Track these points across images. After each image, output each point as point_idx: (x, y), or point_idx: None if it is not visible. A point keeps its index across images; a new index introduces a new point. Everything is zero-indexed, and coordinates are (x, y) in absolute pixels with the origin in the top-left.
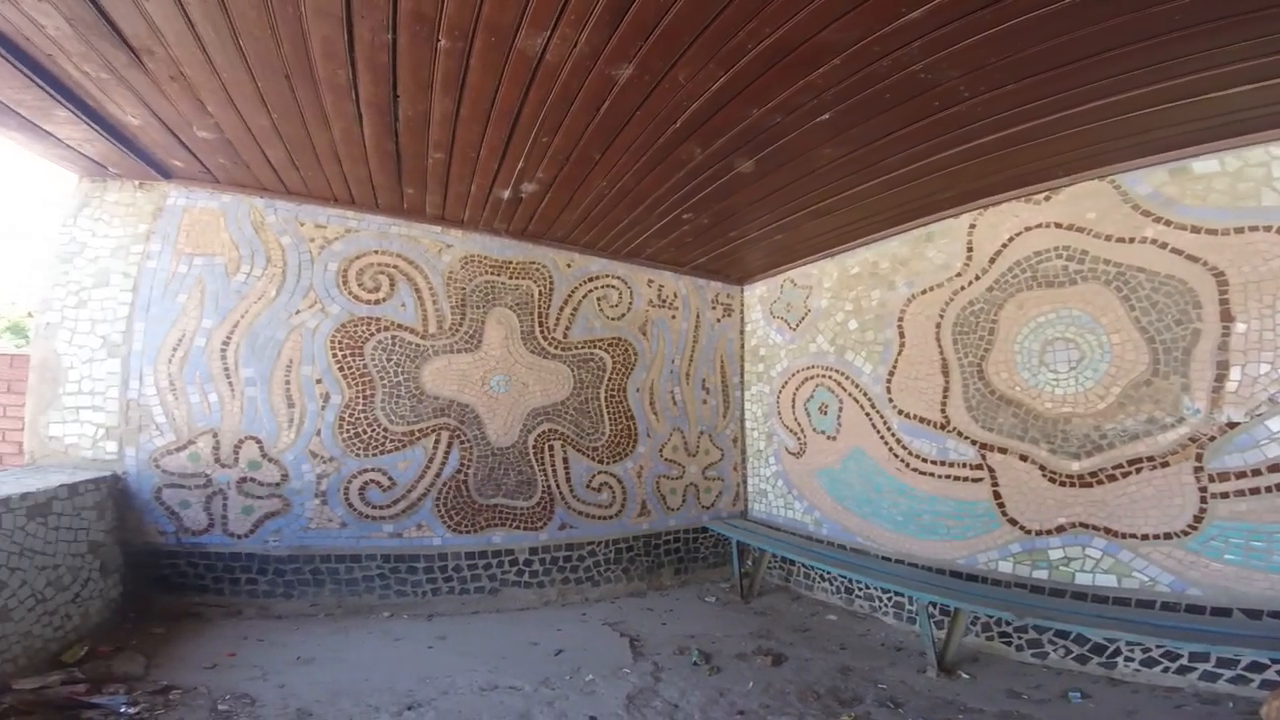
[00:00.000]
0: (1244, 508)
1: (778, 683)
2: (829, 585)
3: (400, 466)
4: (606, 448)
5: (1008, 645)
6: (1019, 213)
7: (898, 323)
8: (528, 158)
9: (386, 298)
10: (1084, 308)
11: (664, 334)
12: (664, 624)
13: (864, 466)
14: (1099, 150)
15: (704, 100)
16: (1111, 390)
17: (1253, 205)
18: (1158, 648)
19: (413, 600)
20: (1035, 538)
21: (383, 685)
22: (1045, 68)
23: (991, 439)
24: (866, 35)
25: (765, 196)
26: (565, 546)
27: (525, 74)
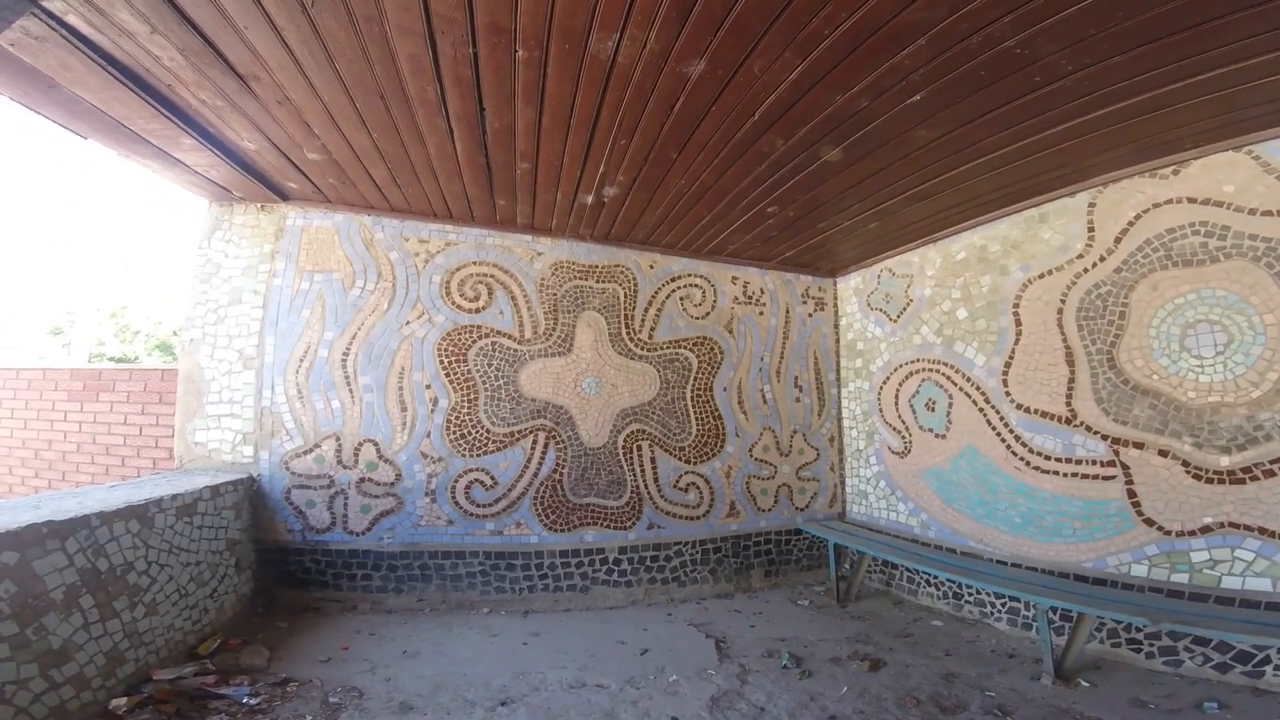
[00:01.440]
0: None
1: (874, 688)
2: (935, 590)
3: (501, 466)
4: (693, 448)
5: (1136, 652)
6: (1144, 189)
7: (1013, 310)
8: (608, 162)
9: (486, 306)
10: (1230, 287)
11: (751, 331)
12: (753, 626)
13: (977, 466)
14: (1231, 120)
15: (782, 90)
16: (1267, 376)
17: None
18: None
19: (510, 596)
20: (1175, 539)
21: (479, 680)
22: (1156, 35)
23: (1125, 433)
24: (952, 13)
25: (856, 184)
26: (653, 546)
27: (600, 77)
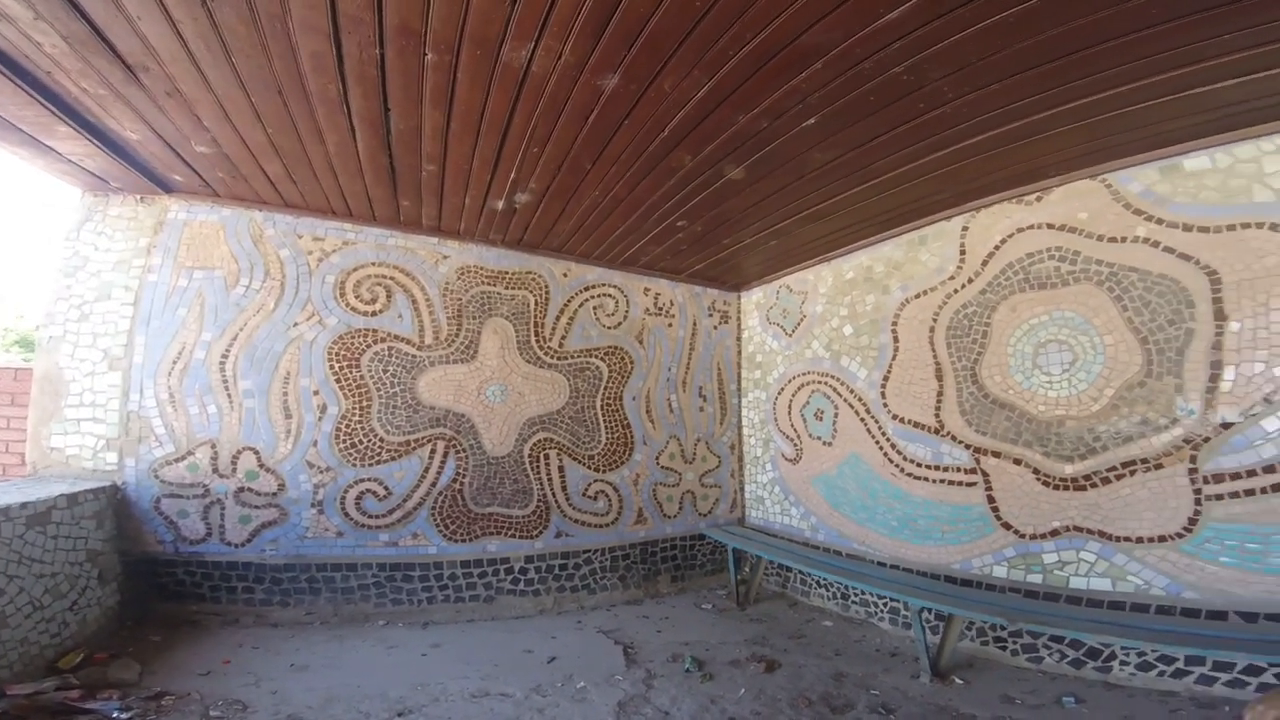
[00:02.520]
0: (1239, 510)
1: (770, 689)
2: (825, 591)
3: (396, 476)
4: (603, 456)
5: (1003, 650)
6: (1011, 214)
7: (892, 327)
8: (520, 168)
9: (383, 309)
10: (1077, 309)
11: (661, 342)
12: (659, 631)
13: (860, 472)
14: (1090, 149)
15: (690, 107)
16: (1105, 392)
17: (1244, 201)
18: (1153, 652)
19: (408, 609)
20: (1029, 542)
21: (375, 692)
22: (1030, 65)
23: (985, 443)
24: (847, 37)
25: (758, 202)
26: (561, 555)
27: (513, 86)
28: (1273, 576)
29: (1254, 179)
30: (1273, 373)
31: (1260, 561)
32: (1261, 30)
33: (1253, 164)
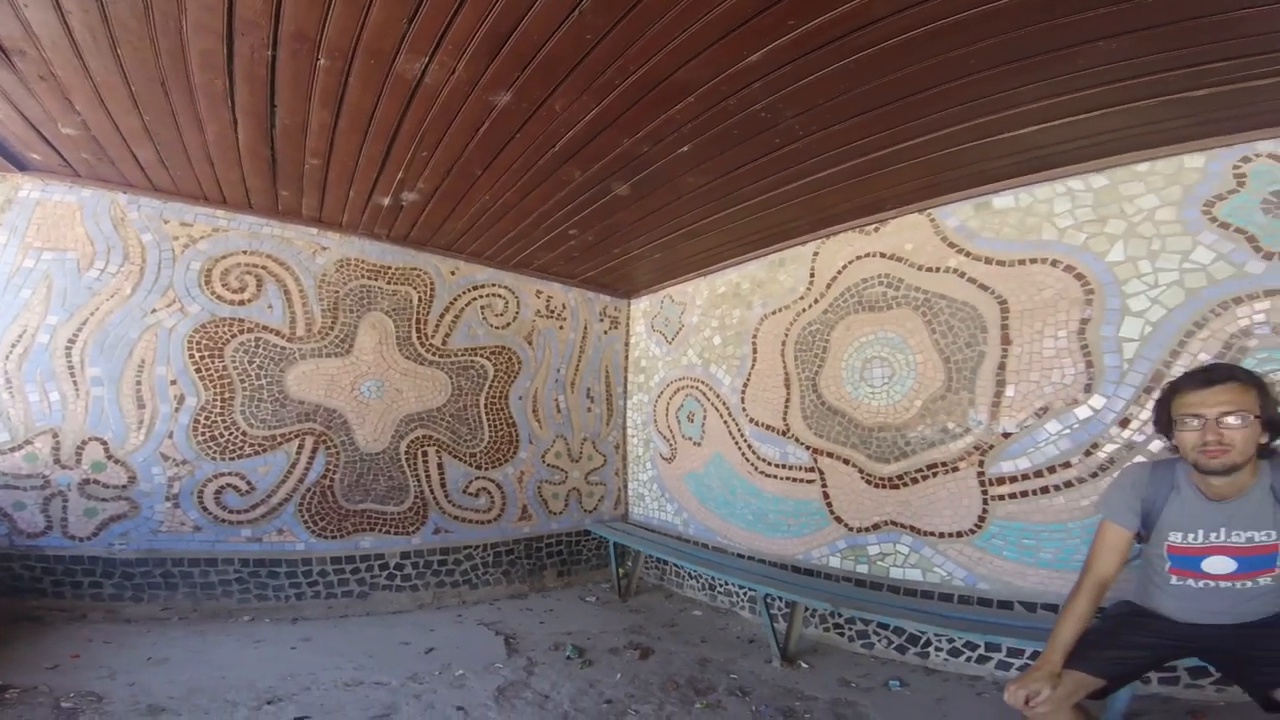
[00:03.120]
0: (1015, 508)
1: (644, 674)
2: (696, 583)
3: (260, 471)
4: (485, 454)
5: (841, 637)
6: (853, 242)
7: (753, 339)
8: (408, 169)
9: (253, 299)
10: (897, 330)
11: (551, 344)
12: (542, 623)
13: (722, 470)
14: (921, 185)
15: (580, 128)
16: (915, 403)
17: (1035, 239)
18: (959, 639)
19: (276, 604)
20: (857, 535)
21: (241, 683)
22: (869, 108)
23: (822, 444)
24: (716, 75)
25: (643, 218)
26: (440, 550)
27: (405, 94)
28: (1045, 570)
29: (1045, 218)
30: (1043, 390)
31: (1034, 556)
32: (1060, 82)
33: (1046, 204)
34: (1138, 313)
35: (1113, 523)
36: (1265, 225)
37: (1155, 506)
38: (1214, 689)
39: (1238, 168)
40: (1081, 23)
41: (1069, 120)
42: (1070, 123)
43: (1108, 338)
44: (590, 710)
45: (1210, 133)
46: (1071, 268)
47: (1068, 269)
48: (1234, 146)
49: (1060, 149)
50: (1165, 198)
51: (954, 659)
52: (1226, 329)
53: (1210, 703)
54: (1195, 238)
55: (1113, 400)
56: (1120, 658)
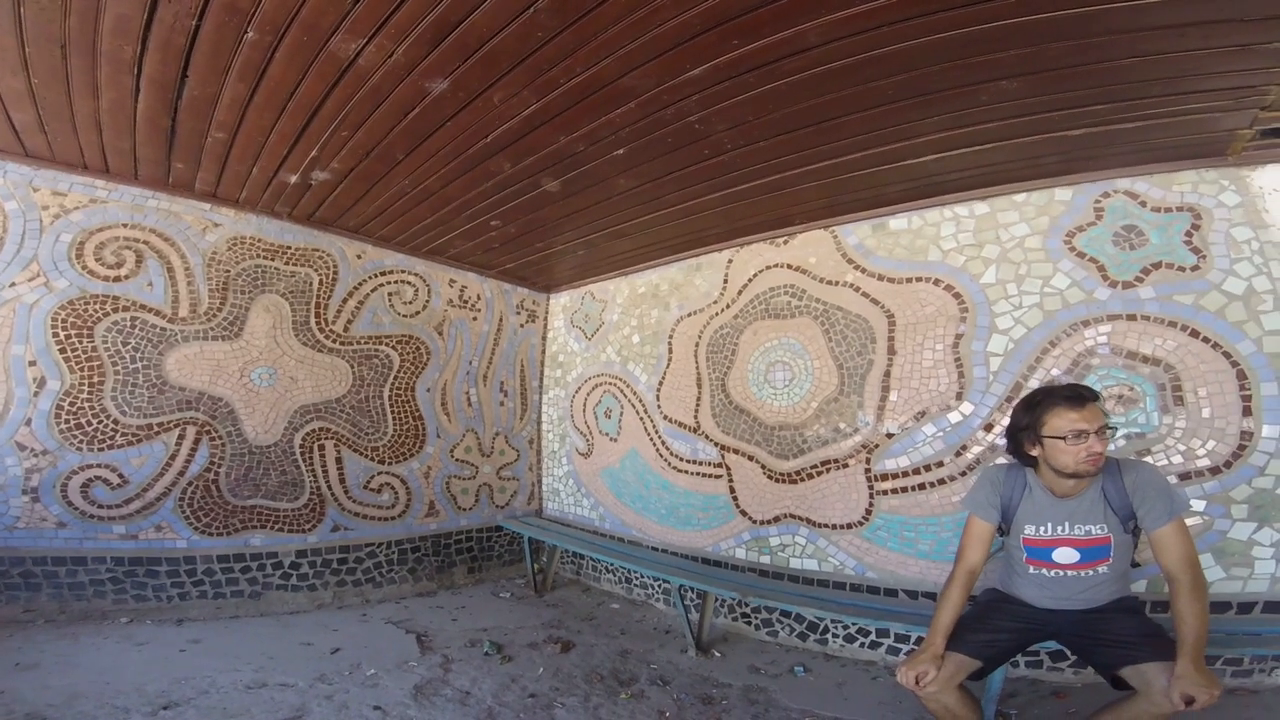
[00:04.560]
0: (897, 503)
1: (566, 667)
2: (612, 576)
3: (134, 463)
4: (389, 448)
5: (748, 625)
6: (764, 253)
7: (669, 339)
8: (323, 148)
9: (130, 275)
10: (798, 337)
11: (463, 335)
12: (455, 620)
13: (637, 465)
14: (827, 204)
15: (516, 122)
16: (811, 405)
17: (922, 259)
18: (853, 624)
19: (157, 605)
20: (760, 527)
21: (129, 687)
22: (789, 128)
23: (729, 441)
24: (658, 85)
25: (570, 214)
26: (340, 548)
27: (334, 73)
28: (924, 560)
29: (932, 240)
30: (921, 396)
31: (914, 547)
32: (962, 115)
33: (934, 228)
34: (1003, 330)
35: (977, 517)
36: (1114, 256)
37: (1012, 503)
38: (1072, 672)
39: (1098, 202)
40: (990, 62)
41: (963, 151)
42: (964, 153)
43: (977, 352)
44: (515, 705)
45: (1079, 169)
46: (951, 287)
47: (948, 288)
48: (1097, 182)
49: (952, 177)
50: (1035, 226)
51: (849, 645)
52: (1075, 348)
53: (1070, 684)
54: (1056, 264)
55: (979, 407)
56: (991, 640)
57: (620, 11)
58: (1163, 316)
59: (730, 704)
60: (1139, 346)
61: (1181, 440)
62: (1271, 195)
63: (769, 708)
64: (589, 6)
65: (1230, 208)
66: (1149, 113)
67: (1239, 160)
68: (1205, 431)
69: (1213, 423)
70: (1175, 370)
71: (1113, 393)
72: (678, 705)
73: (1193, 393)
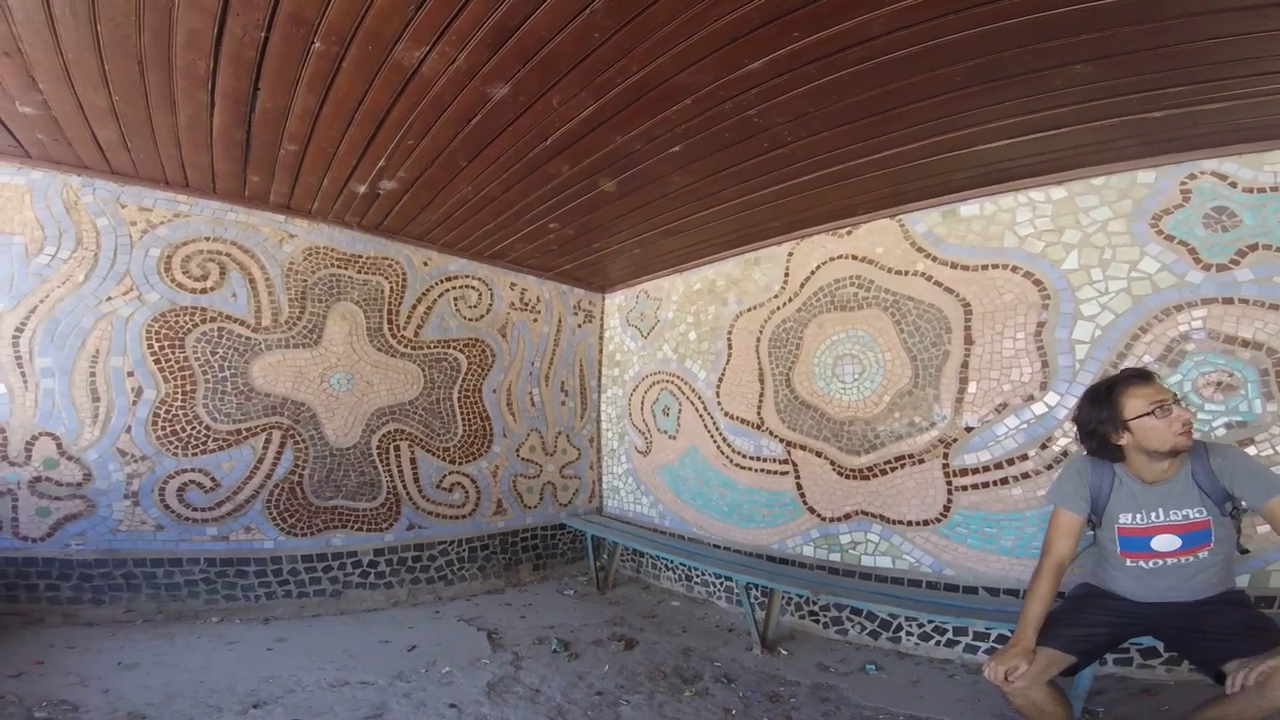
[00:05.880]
0: (977, 498)
1: (630, 665)
2: (672, 574)
3: (225, 467)
4: (459, 448)
5: (816, 623)
6: (826, 244)
7: (728, 335)
8: (390, 157)
9: (215, 287)
10: (867, 329)
11: (524, 336)
12: (523, 617)
13: (697, 463)
14: (892, 192)
15: (575, 124)
16: (883, 398)
17: (997, 246)
18: (929, 622)
19: (245, 604)
20: (829, 524)
21: (221, 686)
22: (853, 119)
23: (795, 437)
24: (715, 80)
25: (625, 214)
26: (414, 547)
27: (399, 82)
28: (1006, 557)
29: (1007, 226)
30: (1002, 388)
31: (995, 544)
32: (1033, 100)
33: (1009, 214)
34: (1089, 317)
35: (1065, 509)
36: (1204, 239)
37: (1102, 493)
38: (1164, 669)
39: (1184, 184)
40: (1062, 47)
41: (1036, 136)
42: (1037, 138)
43: (1061, 340)
44: (582, 702)
45: (1161, 151)
46: (1030, 274)
47: (1026, 275)
48: (1182, 164)
49: (1024, 162)
50: (1117, 210)
51: (924, 643)
52: (1168, 334)
53: (1161, 682)
54: (1143, 248)
55: (1065, 398)
56: (1086, 635)
57: (676, 8)
58: (1263, 299)
59: (799, 701)
60: (1237, 330)
61: None
62: None
63: (840, 705)
64: (644, 5)
65: None
66: (1234, 93)
67: None
68: None
69: None
70: (1278, 355)
71: (1211, 379)
72: (744, 703)
73: None
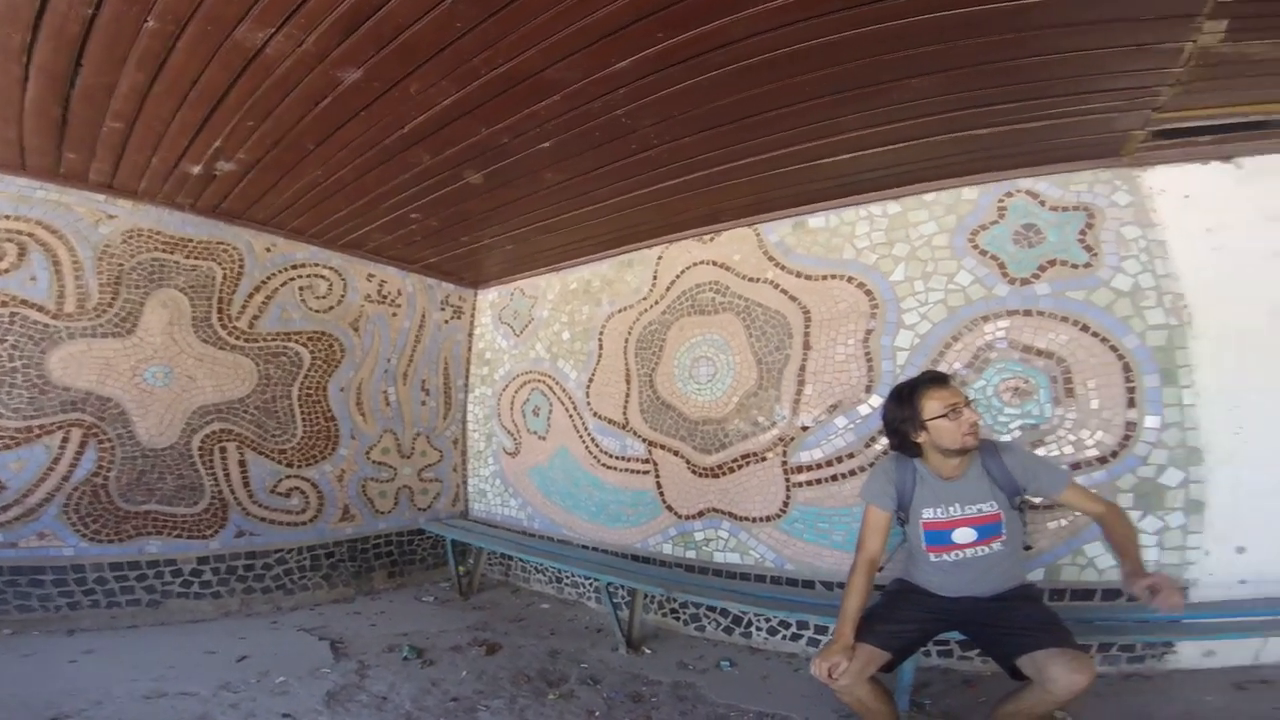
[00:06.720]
0: (812, 495)
1: (491, 669)
2: (543, 576)
3: (13, 467)
4: (298, 450)
5: (678, 621)
6: (692, 249)
7: (599, 336)
8: (228, 138)
9: (11, 269)
10: (721, 333)
11: (381, 331)
12: (374, 625)
13: (567, 463)
14: (754, 201)
15: (435, 112)
16: (732, 399)
17: (837, 257)
18: (774, 618)
19: (44, 615)
20: (685, 521)
21: (13, 701)
22: (716, 124)
23: (656, 437)
24: (585, 77)
25: (496, 208)
26: (246, 555)
27: (239, 63)
28: (838, 551)
29: (847, 239)
30: (834, 390)
31: (828, 538)
32: (878, 113)
33: (850, 226)
34: (910, 326)
35: (874, 506)
36: (1013, 254)
37: (906, 489)
38: (981, 661)
39: (1001, 201)
40: (904, 59)
41: (878, 150)
42: (879, 152)
43: (885, 346)
44: (435, 709)
45: (985, 168)
46: (863, 284)
47: (860, 285)
48: (1002, 182)
49: (868, 176)
50: (942, 225)
51: (772, 637)
52: (976, 342)
53: (980, 673)
54: (960, 262)
55: None
56: (899, 631)
57: (544, 2)
58: (1056, 312)
59: (659, 701)
60: (1034, 341)
61: (1072, 431)
62: (1160, 195)
63: (697, 704)
64: None
65: (1121, 207)
66: (1051, 113)
67: (1132, 161)
68: (1094, 422)
69: (1100, 414)
70: (1067, 364)
71: (1010, 385)
72: (607, 704)
73: (1082, 385)
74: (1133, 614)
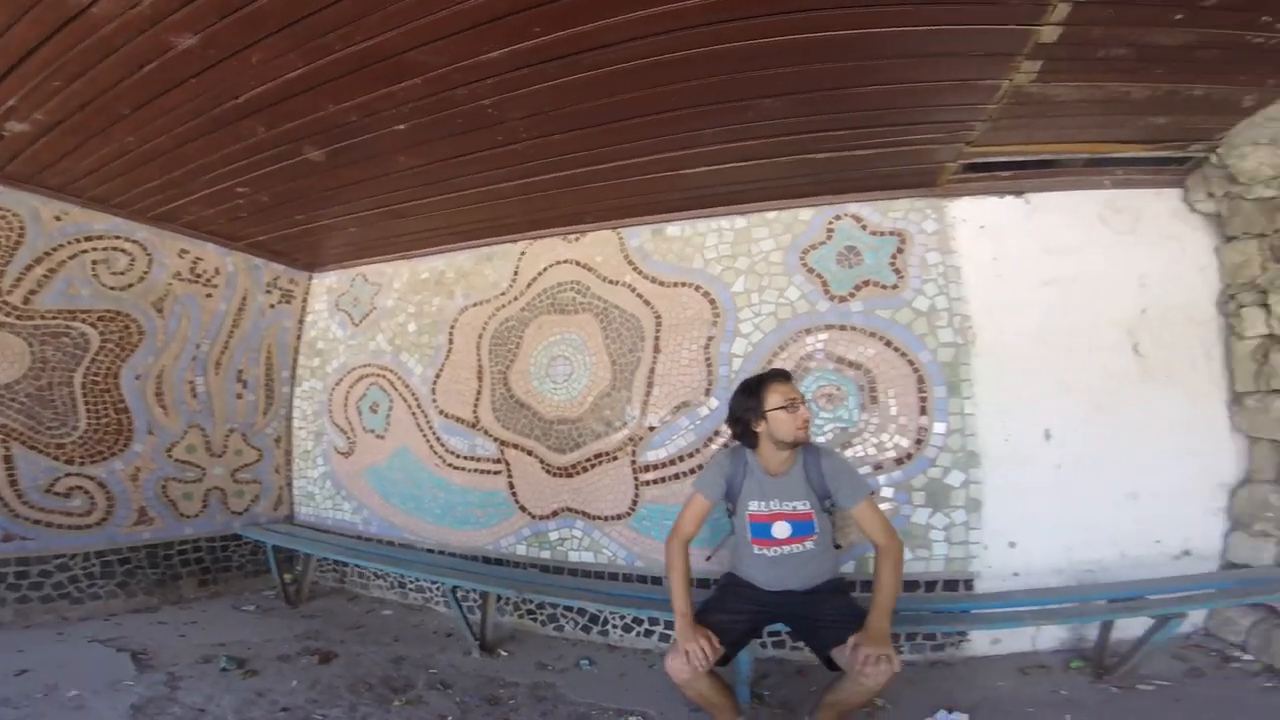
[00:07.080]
0: (658, 492)
1: (326, 678)
2: (383, 582)
3: None
4: (79, 445)
5: (535, 622)
6: (556, 248)
7: (450, 330)
8: (25, 98)
9: None
10: (579, 333)
11: (191, 313)
12: (183, 636)
13: (408, 464)
14: (617, 205)
15: (276, 84)
16: (587, 399)
17: (688, 266)
18: (628, 615)
19: None
20: (539, 522)
21: None
22: (584, 124)
23: (508, 436)
24: (451, 63)
25: (339, 188)
26: (17, 560)
27: (57, 20)
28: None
29: (698, 249)
30: (679, 392)
31: None
32: (733, 130)
33: (701, 237)
34: (745, 335)
35: (701, 494)
36: (835, 273)
37: (736, 482)
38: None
39: (830, 223)
40: (760, 79)
41: (733, 165)
42: (733, 168)
43: (724, 353)
44: None
45: (820, 191)
46: (708, 293)
47: (705, 294)
48: (833, 205)
49: (721, 190)
50: (779, 243)
51: (628, 634)
52: (798, 353)
53: (809, 663)
54: (791, 278)
55: (724, 403)
56: (730, 623)
57: None
58: (866, 328)
59: (518, 702)
60: (846, 353)
61: (874, 435)
62: (960, 225)
63: (557, 703)
64: None
65: (929, 234)
66: (882, 141)
67: (944, 191)
68: (893, 427)
69: (899, 420)
70: (872, 374)
71: (824, 392)
72: (461, 709)
73: (884, 394)
74: (928, 605)
